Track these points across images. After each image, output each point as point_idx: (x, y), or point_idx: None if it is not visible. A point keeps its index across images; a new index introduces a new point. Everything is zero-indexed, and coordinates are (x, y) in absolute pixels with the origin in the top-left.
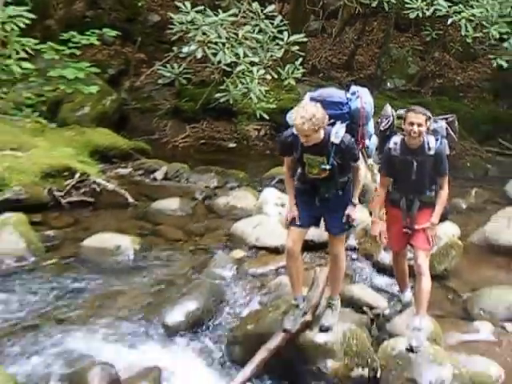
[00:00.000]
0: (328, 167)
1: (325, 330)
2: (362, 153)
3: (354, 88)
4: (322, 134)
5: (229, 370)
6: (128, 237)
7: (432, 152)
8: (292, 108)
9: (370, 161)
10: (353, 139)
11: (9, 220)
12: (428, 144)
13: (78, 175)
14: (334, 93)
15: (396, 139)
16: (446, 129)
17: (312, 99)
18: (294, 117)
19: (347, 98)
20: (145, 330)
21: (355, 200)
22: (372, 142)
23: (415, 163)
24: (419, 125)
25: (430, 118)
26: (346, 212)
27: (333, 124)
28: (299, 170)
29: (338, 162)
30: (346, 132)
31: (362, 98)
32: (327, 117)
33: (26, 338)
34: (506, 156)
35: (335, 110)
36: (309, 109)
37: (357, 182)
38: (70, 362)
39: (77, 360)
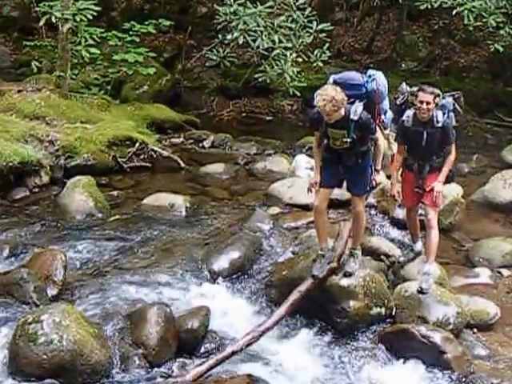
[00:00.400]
0: (349, 140)
1: (348, 275)
2: (379, 126)
3: (370, 71)
4: (342, 111)
5: (266, 309)
6: (181, 196)
7: (440, 125)
8: (319, 87)
9: (387, 131)
10: (369, 115)
11: (79, 182)
12: (436, 118)
13: (138, 144)
14: (353, 76)
15: (409, 113)
16: (453, 104)
17: (335, 81)
18: (317, 100)
19: (365, 81)
20: (195, 275)
21: (378, 167)
22: (387, 117)
23: (425, 134)
24: (427, 103)
25: (438, 95)
26: (372, 177)
27: (352, 103)
28: (325, 142)
29: (358, 134)
30: (364, 109)
31: (377, 81)
32: (346, 97)
33: (94, 282)
34: (502, 127)
35: (354, 91)
36: (329, 92)
37: (378, 151)
38: (131, 303)
39: (137, 301)
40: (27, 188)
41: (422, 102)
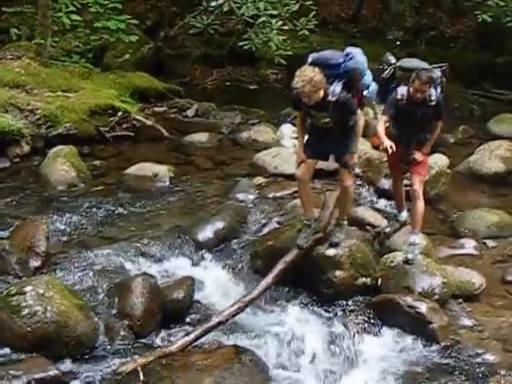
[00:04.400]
0: (328, 120)
1: (334, 245)
2: (360, 102)
3: (348, 49)
4: (321, 93)
5: (252, 279)
6: (164, 166)
7: (433, 103)
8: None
9: (374, 103)
10: (349, 95)
11: (61, 152)
12: (430, 96)
13: (120, 113)
14: (332, 56)
15: (403, 91)
16: (441, 76)
17: (313, 61)
18: (296, 81)
19: (343, 60)
20: (179, 245)
21: (354, 148)
22: (371, 90)
23: (419, 113)
24: (423, 92)
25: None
26: (345, 159)
27: (332, 82)
28: (309, 120)
29: (338, 115)
30: (345, 88)
31: (355, 59)
32: (325, 78)
33: (77, 253)
34: (488, 98)
35: (333, 70)
36: (308, 73)
37: (357, 132)
38: (115, 274)
39: (121, 272)
40: (8, 158)
41: (417, 91)
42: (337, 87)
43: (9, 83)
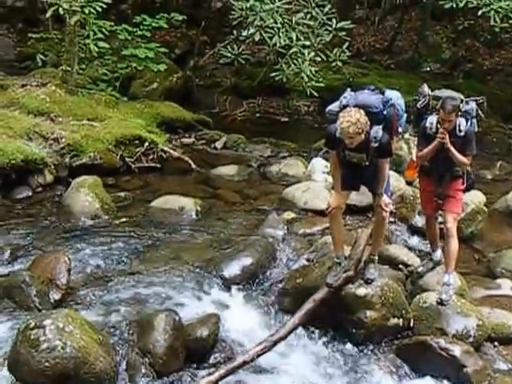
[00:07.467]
0: (367, 163)
1: (370, 282)
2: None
3: (388, 94)
4: (363, 136)
5: (279, 318)
6: (191, 199)
7: (462, 134)
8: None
9: (407, 135)
10: (387, 136)
11: (85, 182)
12: (459, 126)
13: (147, 143)
14: (371, 103)
15: (432, 119)
16: (476, 109)
17: (356, 105)
18: (340, 121)
19: (383, 107)
20: (205, 281)
21: (380, 190)
22: (402, 123)
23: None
24: (449, 121)
25: (462, 101)
26: (377, 204)
27: (371, 125)
28: (341, 154)
29: (376, 156)
30: (384, 130)
31: (395, 106)
32: (368, 122)
33: (99, 286)
34: None
35: (373, 116)
36: (354, 114)
37: (381, 176)
38: (138, 309)
39: (144, 307)
40: (30, 187)
41: (444, 121)
42: (379, 132)
43: (33, 111)
